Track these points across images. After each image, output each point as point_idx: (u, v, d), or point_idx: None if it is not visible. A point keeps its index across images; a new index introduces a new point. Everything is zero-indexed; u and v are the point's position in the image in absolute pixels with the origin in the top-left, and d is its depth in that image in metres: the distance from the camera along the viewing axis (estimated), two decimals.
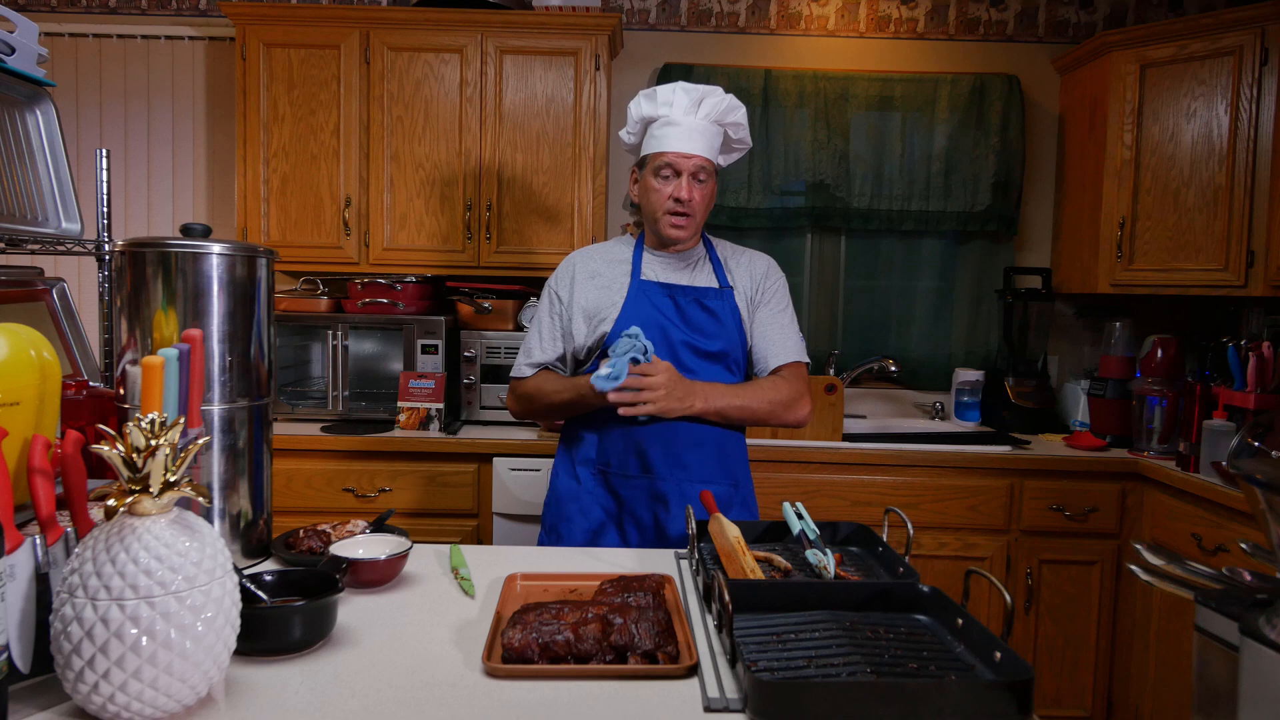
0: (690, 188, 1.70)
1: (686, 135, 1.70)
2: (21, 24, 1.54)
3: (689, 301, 1.75)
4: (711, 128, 1.73)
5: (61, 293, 1.72)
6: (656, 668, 0.97)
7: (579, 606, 1.04)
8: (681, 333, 1.73)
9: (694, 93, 1.72)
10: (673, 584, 1.21)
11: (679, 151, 1.70)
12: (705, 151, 1.71)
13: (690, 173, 1.70)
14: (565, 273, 1.83)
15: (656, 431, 1.67)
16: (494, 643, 1.02)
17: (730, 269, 1.81)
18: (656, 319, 1.72)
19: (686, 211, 1.71)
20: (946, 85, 3.13)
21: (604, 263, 1.81)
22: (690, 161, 1.70)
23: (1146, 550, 0.90)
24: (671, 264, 1.80)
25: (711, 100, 1.72)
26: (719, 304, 1.76)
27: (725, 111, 1.74)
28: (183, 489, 0.86)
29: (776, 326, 1.79)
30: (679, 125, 1.71)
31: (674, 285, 1.76)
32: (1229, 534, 2.21)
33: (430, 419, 2.73)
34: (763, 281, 1.81)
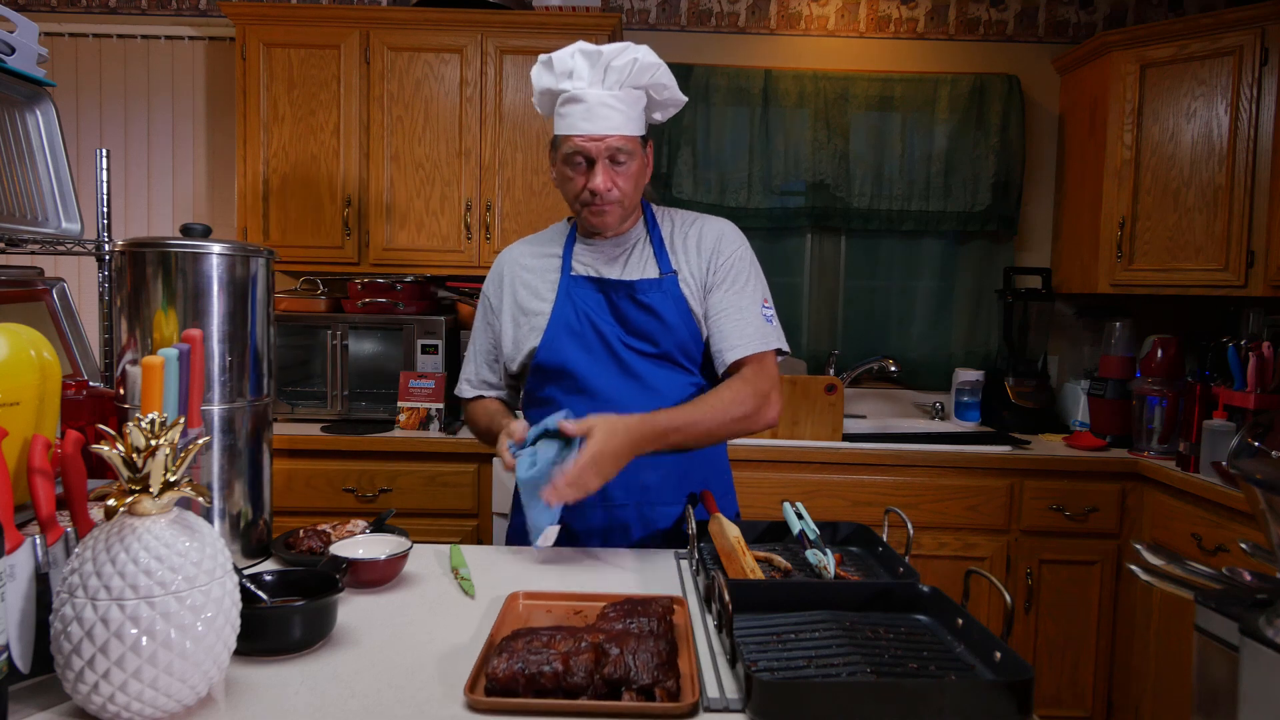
0: (607, 175, 1.46)
1: (593, 113, 1.43)
2: (21, 24, 1.54)
3: (622, 298, 1.52)
4: (627, 94, 1.46)
5: (61, 293, 1.72)
6: (652, 706, 0.87)
7: (573, 634, 0.94)
8: (618, 332, 1.52)
9: (597, 57, 1.44)
10: (685, 607, 1.12)
11: (586, 134, 1.44)
12: (621, 128, 1.45)
13: (605, 157, 1.46)
14: (495, 273, 1.65)
15: None
16: (479, 672, 0.94)
17: (675, 248, 1.57)
18: (589, 321, 1.52)
19: (607, 201, 1.48)
20: (946, 85, 3.13)
21: (535, 257, 1.61)
22: (601, 145, 1.44)
23: (1146, 550, 0.90)
24: (603, 252, 1.57)
25: (620, 63, 1.44)
26: (657, 297, 1.52)
27: (638, 74, 1.45)
28: (183, 489, 0.86)
29: (733, 311, 1.53)
30: (583, 101, 1.44)
31: (606, 279, 1.54)
32: (1229, 534, 2.21)
33: (430, 419, 2.73)
34: (712, 258, 1.55)
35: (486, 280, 1.67)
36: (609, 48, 1.44)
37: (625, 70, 1.44)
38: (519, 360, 1.57)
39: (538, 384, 1.57)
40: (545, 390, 1.56)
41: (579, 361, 1.51)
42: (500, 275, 1.63)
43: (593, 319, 1.52)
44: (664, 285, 1.53)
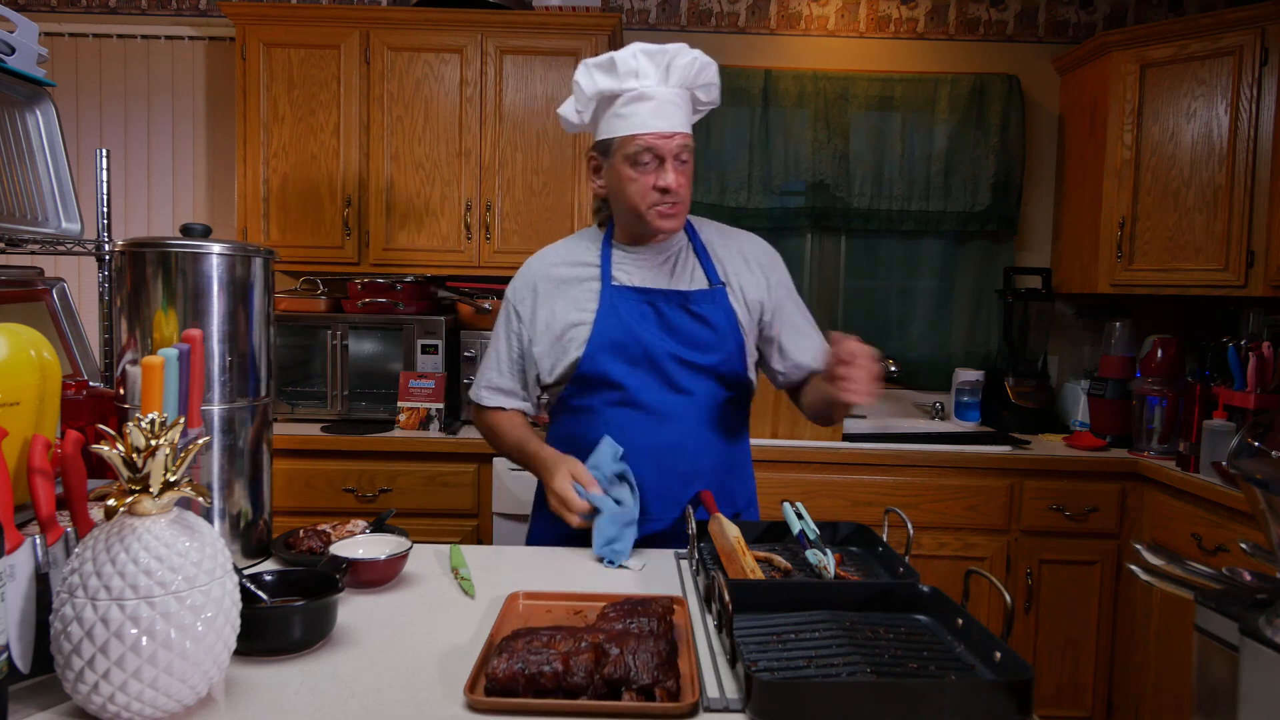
0: (676, 172, 1.45)
1: (663, 110, 1.42)
2: (21, 24, 1.54)
3: (673, 308, 1.50)
4: (684, 94, 1.47)
5: (61, 293, 1.72)
6: (652, 706, 0.87)
7: (573, 634, 0.94)
8: (667, 345, 1.49)
9: (660, 56, 1.44)
10: (685, 607, 1.12)
11: (658, 131, 1.42)
12: (685, 125, 1.45)
13: (674, 155, 1.44)
14: (525, 283, 1.59)
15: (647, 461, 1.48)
16: (479, 672, 0.94)
17: (720, 259, 1.56)
18: (635, 333, 1.49)
19: (676, 201, 1.46)
20: (946, 85, 3.13)
21: (568, 266, 1.57)
22: (672, 142, 1.43)
23: (1146, 550, 0.90)
24: (647, 261, 1.54)
25: (682, 62, 1.44)
26: (711, 308, 1.51)
27: (698, 73, 1.46)
28: (183, 489, 0.86)
29: (805, 325, 1.60)
30: (652, 99, 1.42)
31: (653, 290, 1.52)
32: (1229, 534, 2.21)
33: (430, 419, 2.73)
34: (768, 275, 1.57)
35: (512, 288, 1.61)
36: (670, 47, 1.44)
37: (687, 69, 1.45)
38: (557, 373, 1.54)
39: (575, 393, 1.54)
40: (583, 399, 1.54)
41: (623, 373, 1.49)
42: (532, 286, 1.58)
43: (638, 331, 1.49)
44: (715, 297, 1.52)
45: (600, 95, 1.46)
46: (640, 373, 1.49)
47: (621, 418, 1.50)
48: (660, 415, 1.50)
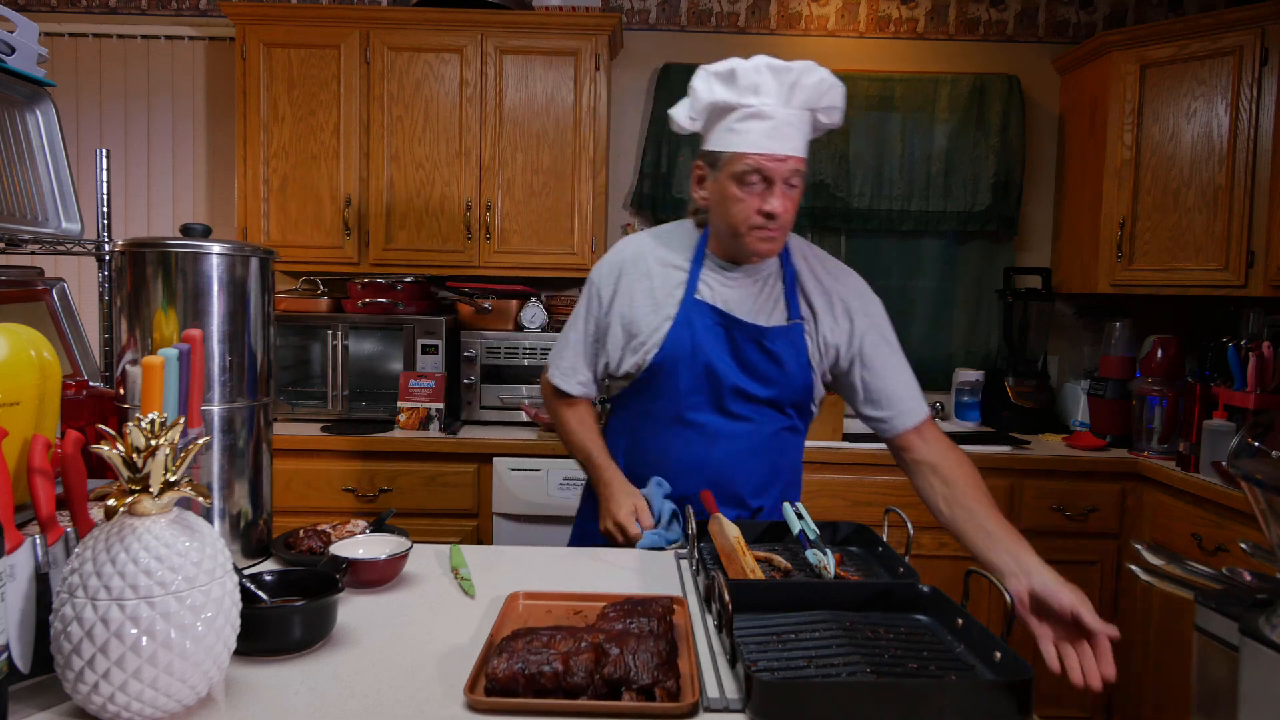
0: (783, 197, 1.38)
1: (779, 131, 1.36)
2: (21, 24, 1.54)
3: (746, 340, 1.47)
4: (805, 116, 1.39)
5: (61, 293, 1.72)
6: (652, 706, 0.87)
7: (573, 634, 0.94)
8: (732, 375, 1.48)
9: (785, 75, 1.36)
10: (685, 607, 1.12)
11: (770, 154, 1.36)
12: (800, 149, 1.38)
13: (784, 179, 1.38)
14: (611, 269, 1.55)
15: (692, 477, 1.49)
16: (479, 672, 0.94)
17: (808, 292, 1.51)
18: (704, 354, 1.46)
19: (779, 227, 1.40)
20: (946, 85, 3.13)
21: (660, 264, 1.53)
22: (784, 166, 1.37)
23: (1146, 550, 0.90)
24: (735, 283, 1.50)
25: (809, 82, 1.37)
26: (783, 345, 1.48)
27: (824, 95, 1.39)
28: (183, 489, 0.86)
29: (896, 372, 1.52)
30: (770, 119, 1.35)
31: (732, 317, 1.47)
32: (1229, 534, 2.21)
33: (430, 419, 2.73)
34: (855, 319, 1.51)
35: (598, 270, 1.58)
36: (796, 65, 1.37)
37: (812, 90, 1.37)
38: (624, 369, 1.54)
39: (636, 393, 1.55)
40: (642, 403, 1.55)
41: (683, 389, 1.49)
42: (618, 273, 1.55)
43: (707, 352, 1.47)
44: (791, 332, 1.49)
45: (716, 105, 1.41)
46: (700, 393, 1.49)
47: (673, 430, 1.52)
48: (711, 436, 1.51)
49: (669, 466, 1.53)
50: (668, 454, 1.53)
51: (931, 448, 1.49)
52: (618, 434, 1.62)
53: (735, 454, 1.51)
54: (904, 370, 1.54)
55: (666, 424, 1.53)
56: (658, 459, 1.54)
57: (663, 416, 1.53)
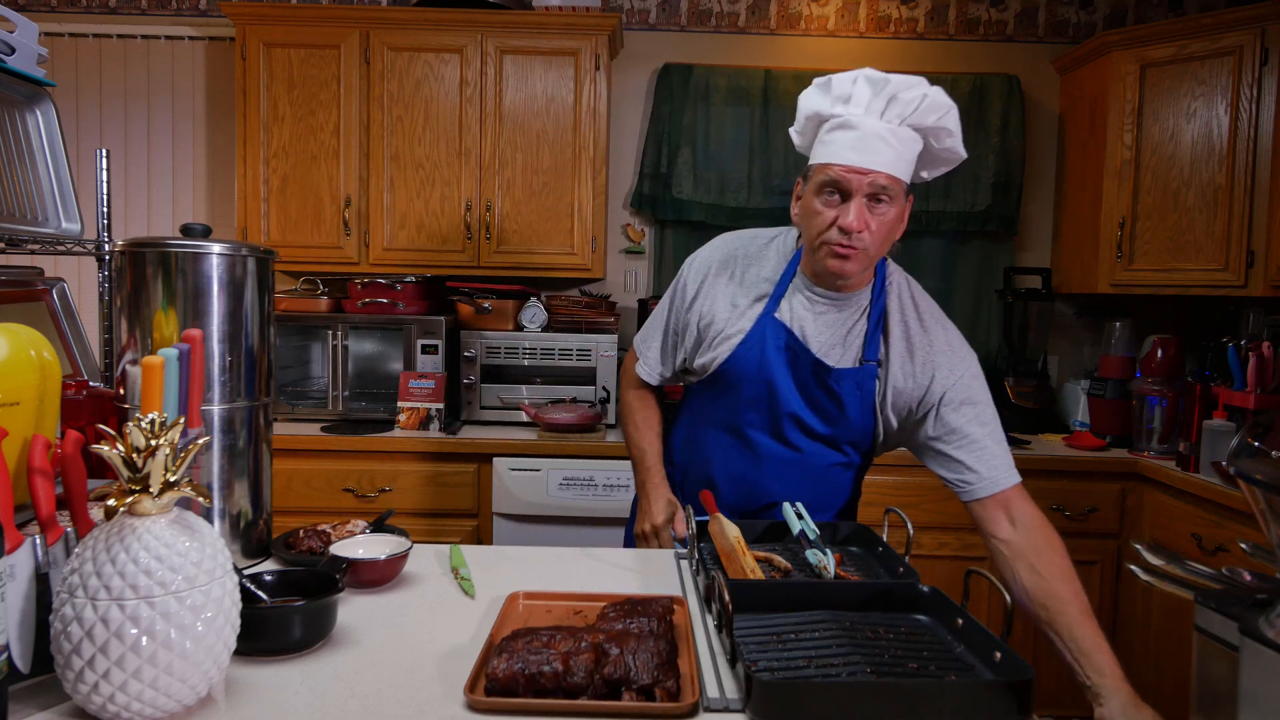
0: (862, 213, 1.30)
1: (864, 143, 1.29)
2: (21, 24, 1.54)
3: (811, 374, 1.41)
4: (905, 133, 1.32)
5: (61, 293, 1.72)
6: (652, 706, 0.87)
7: (573, 634, 0.94)
8: (793, 402, 1.43)
9: (884, 85, 1.31)
10: (685, 607, 1.12)
11: (850, 165, 1.29)
12: (890, 166, 1.29)
13: (865, 193, 1.30)
14: (704, 264, 1.53)
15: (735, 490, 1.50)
16: (479, 672, 0.94)
17: (891, 335, 1.42)
18: (769, 376, 1.43)
19: (854, 245, 1.31)
20: (946, 85, 3.09)
21: (748, 270, 1.49)
22: (865, 179, 1.29)
23: (1146, 550, 0.90)
24: (819, 308, 1.43)
25: (908, 96, 1.30)
26: (849, 387, 1.41)
27: (925, 113, 1.32)
28: (183, 489, 0.86)
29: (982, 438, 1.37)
30: (856, 129, 1.30)
31: (803, 346, 1.41)
32: (1229, 534, 2.21)
33: (430, 419, 2.73)
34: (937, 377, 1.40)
35: (690, 263, 1.56)
36: (899, 78, 1.31)
37: (912, 105, 1.31)
38: (697, 364, 1.53)
39: (700, 390, 1.56)
40: (704, 402, 1.55)
41: (742, 405, 1.49)
42: (707, 271, 1.52)
43: (772, 376, 1.43)
44: (860, 375, 1.41)
45: (812, 116, 1.37)
46: (757, 411, 1.47)
47: (725, 438, 1.53)
48: (760, 456, 1.50)
49: (714, 471, 1.54)
50: (715, 459, 1.54)
51: (1021, 533, 1.31)
52: (681, 423, 1.64)
53: (779, 479, 1.50)
54: (989, 436, 1.39)
55: (721, 430, 1.53)
56: (706, 461, 1.56)
57: (719, 422, 1.53)
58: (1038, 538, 1.29)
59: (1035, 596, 1.25)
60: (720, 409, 1.52)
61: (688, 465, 1.60)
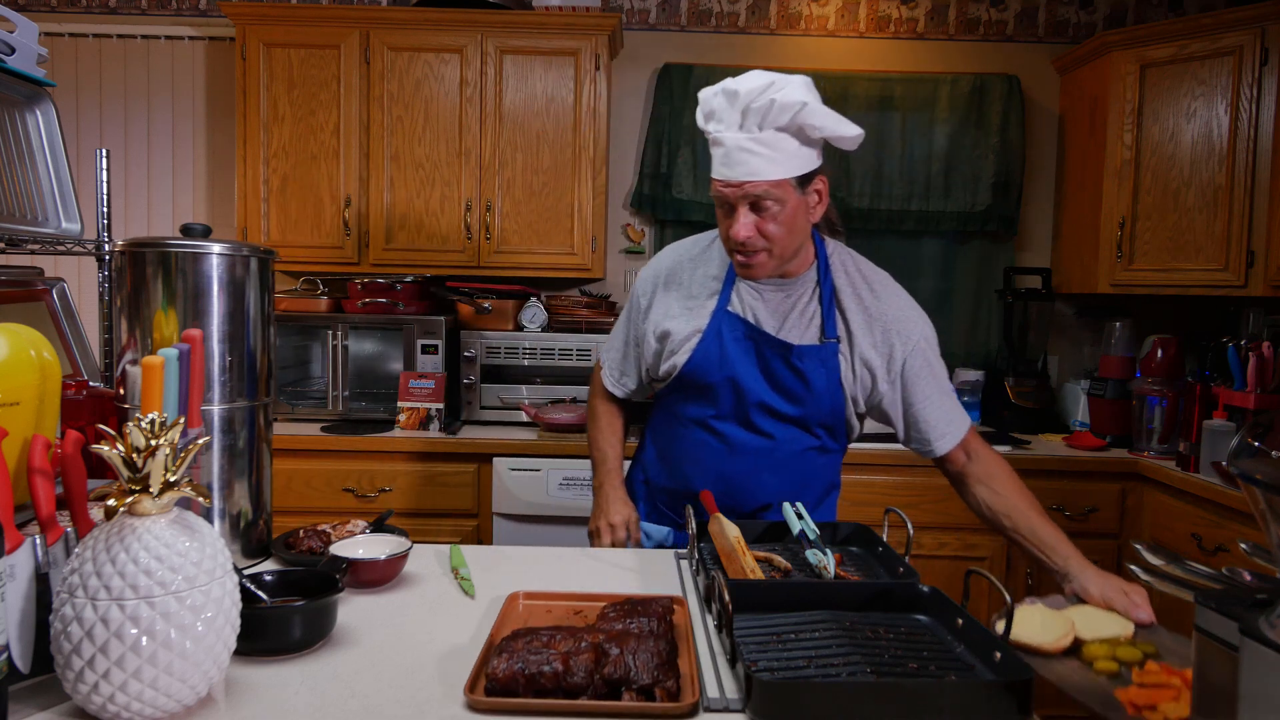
0: (747, 223, 1.36)
1: (731, 157, 1.34)
2: (21, 24, 1.54)
3: (775, 356, 1.45)
4: (770, 137, 1.32)
5: (61, 293, 1.72)
6: (652, 706, 0.87)
7: (573, 634, 0.94)
8: (758, 390, 1.46)
9: (735, 99, 1.33)
10: (685, 607, 1.12)
11: (723, 180, 1.36)
12: (760, 173, 1.33)
13: (746, 204, 1.36)
14: (651, 275, 1.59)
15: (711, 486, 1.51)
16: (479, 672, 0.94)
17: (846, 312, 1.47)
18: (731, 367, 1.46)
19: (751, 249, 1.39)
20: (946, 85, 3.13)
21: (695, 273, 1.53)
22: (738, 192, 1.35)
23: (1146, 550, 0.90)
24: (767, 296, 1.47)
25: (758, 105, 1.31)
26: (813, 364, 1.44)
27: (777, 115, 1.31)
28: (183, 489, 0.86)
29: (940, 395, 1.49)
30: (723, 145, 1.35)
31: (761, 331, 1.46)
32: (1229, 534, 2.21)
33: (430, 419, 2.73)
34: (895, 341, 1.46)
35: (640, 278, 1.63)
36: (748, 86, 1.32)
37: (761, 112, 1.32)
38: (661, 372, 1.56)
39: (668, 395, 1.59)
40: (672, 406, 1.58)
41: (709, 399, 1.51)
42: (657, 282, 1.58)
43: (734, 366, 1.46)
44: (823, 352, 1.45)
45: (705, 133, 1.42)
46: (725, 404, 1.50)
47: (696, 437, 1.54)
48: (732, 447, 1.52)
49: (694, 473, 1.55)
50: (689, 458, 1.55)
51: (976, 463, 1.49)
52: (654, 431, 1.66)
53: (753, 468, 1.51)
54: (948, 393, 1.50)
55: (692, 428, 1.55)
56: (680, 461, 1.57)
57: (690, 421, 1.55)
58: (991, 464, 1.48)
59: (999, 510, 1.44)
60: (689, 408, 1.54)
61: (664, 473, 1.61)
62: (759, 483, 1.52)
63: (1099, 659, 1.08)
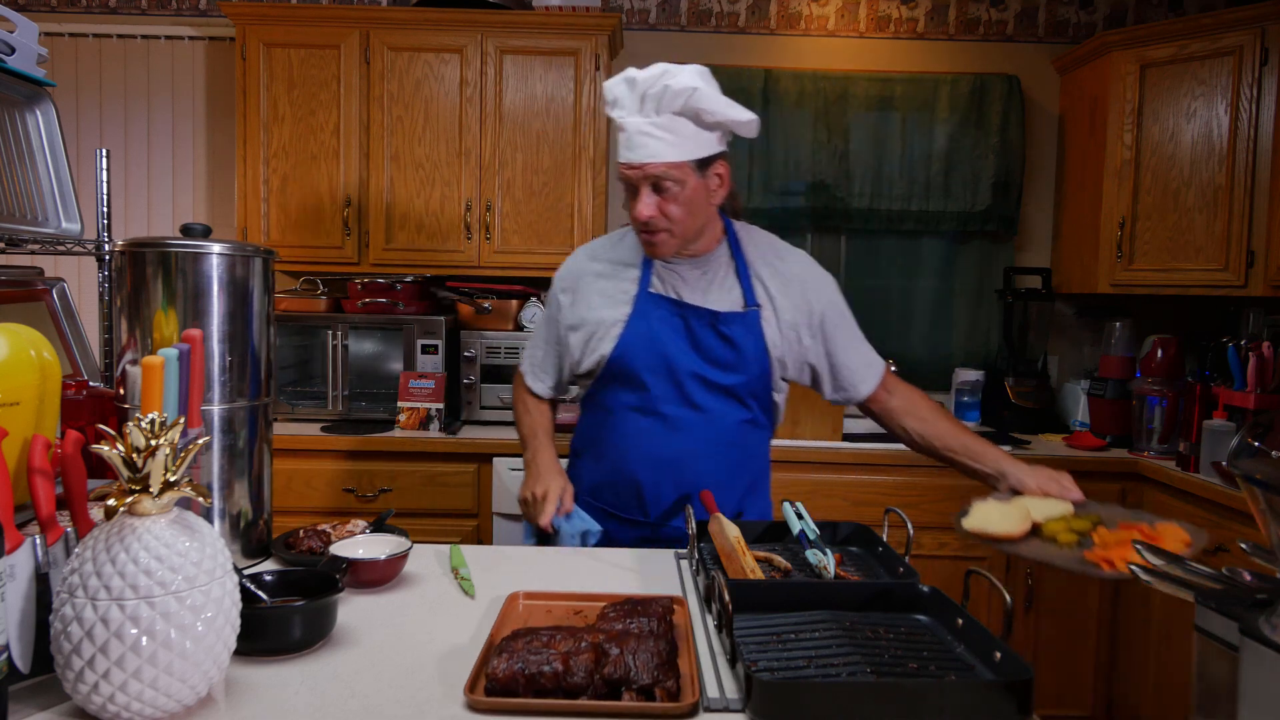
0: (650, 203, 1.43)
1: (632, 141, 1.42)
2: (21, 24, 1.54)
3: (703, 325, 1.51)
4: (668, 121, 1.40)
5: (61, 293, 1.72)
6: (652, 706, 0.87)
7: (573, 634, 0.94)
8: (691, 362, 1.51)
9: (634, 85, 1.42)
10: (685, 607, 1.12)
11: (626, 163, 1.44)
12: (659, 155, 1.40)
13: (648, 185, 1.43)
14: (569, 272, 1.64)
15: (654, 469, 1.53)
16: (479, 672, 0.94)
17: (763, 279, 1.55)
18: (661, 344, 1.51)
19: (655, 229, 1.46)
20: (946, 85, 3.13)
21: (611, 265, 1.60)
22: (640, 173, 1.42)
23: (1146, 550, 0.90)
24: (685, 274, 1.54)
25: (654, 91, 1.39)
26: (740, 330, 1.51)
27: (671, 100, 1.39)
28: (183, 489, 0.86)
29: (856, 342, 1.60)
30: (625, 130, 1.43)
31: (686, 304, 1.52)
32: (1229, 534, 2.21)
33: (430, 419, 2.73)
34: (811, 296, 1.55)
35: (558, 275, 1.66)
36: (645, 74, 1.41)
37: (657, 97, 1.39)
38: (587, 365, 1.58)
39: (600, 389, 1.59)
40: (605, 397, 1.58)
41: (644, 380, 1.53)
42: (575, 276, 1.62)
43: (665, 343, 1.51)
44: (748, 319, 1.51)
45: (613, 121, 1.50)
46: (661, 383, 1.52)
47: (634, 423, 1.55)
48: (673, 427, 1.53)
49: (634, 458, 1.54)
50: (633, 446, 1.55)
51: (897, 398, 1.63)
52: (588, 435, 1.65)
53: (698, 445, 1.53)
54: (862, 340, 1.63)
55: (630, 416, 1.55)
56: (621, 451, 1.56)
57: (626, 409, 1.55)
58: (911, 396, 1.63)
59: (928, 435, 1.60)
60: (623, 396, 1.55)
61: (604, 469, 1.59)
62: (705, 460, 1.53)
63: (1060, 534, 1.25)
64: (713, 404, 1.53)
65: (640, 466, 1.54)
